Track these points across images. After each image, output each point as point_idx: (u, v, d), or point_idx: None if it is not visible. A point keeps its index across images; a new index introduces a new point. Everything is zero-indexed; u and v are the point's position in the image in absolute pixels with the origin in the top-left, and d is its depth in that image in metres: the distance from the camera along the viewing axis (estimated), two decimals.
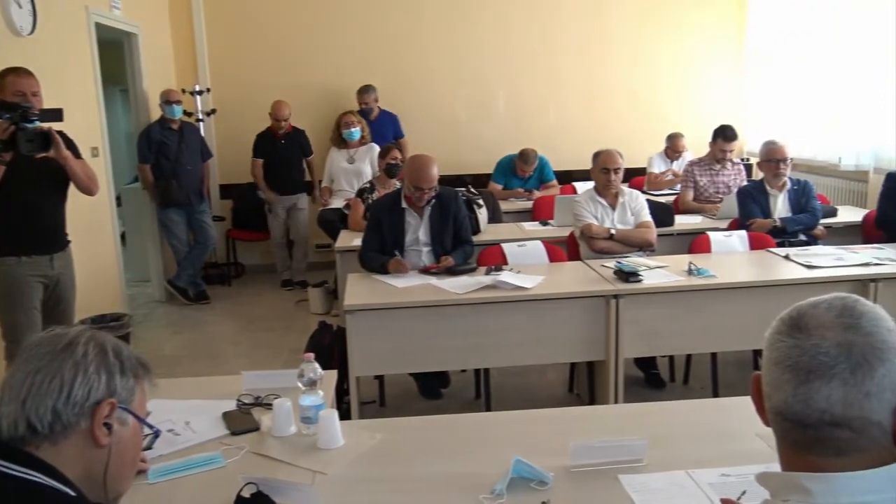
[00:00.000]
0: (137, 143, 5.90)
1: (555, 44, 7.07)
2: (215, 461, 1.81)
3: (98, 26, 5.09)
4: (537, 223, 5.13)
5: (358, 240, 4.00)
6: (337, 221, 5.44)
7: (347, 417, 3.09)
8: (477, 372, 3.88)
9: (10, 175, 3.02)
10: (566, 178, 6.30)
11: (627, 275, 3.35)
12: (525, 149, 6.16)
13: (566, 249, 4.16)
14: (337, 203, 5.86)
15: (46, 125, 3.07)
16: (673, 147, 6.43)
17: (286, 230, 6.49)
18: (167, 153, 5.81)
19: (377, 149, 5.53)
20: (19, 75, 3.20)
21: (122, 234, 6.22)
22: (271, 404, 2.00)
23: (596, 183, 4.17)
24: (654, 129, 6.70)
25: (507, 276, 3.38)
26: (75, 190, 3.38)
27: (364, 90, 6.54)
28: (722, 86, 7.24)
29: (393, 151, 5.03)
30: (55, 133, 3.09)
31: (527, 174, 6.21)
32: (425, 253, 3.76)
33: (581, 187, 5.38)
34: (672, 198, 5.51)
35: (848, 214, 4.88)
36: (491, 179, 6.29)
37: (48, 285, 3.36)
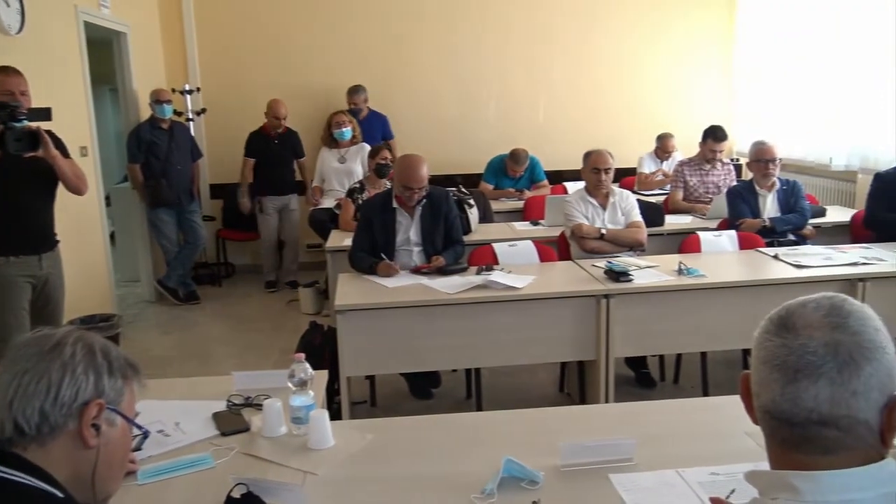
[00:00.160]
0: (127, 143, 5.87)
1: (546, 44, 7.08)
2: (205, 462, 1.80)
3: (87, 25, 5.06)
4: (528, 223, 5.14)
5: (349, 240, 3.98)
6: (328, 221, 5.42)
7: (338, 417, 3.09)
8: (468, 372, 3.88)
9: None
10: (557, 178, 6.32)
11: (618, 274, 3.36)
12: (516, 149, 6.17)
13: (557, 249, 4.17)
14: (328, 203, 5.84)
15: (35, 124, 3.06)
16: (663, 147, 6.47)
17: (276, 231, 6.47)
18: (157, 153, 5.78)
19: (368, 148, 5.52)
20: (7, 74, 3.18)
21: (112, 234, 6.19)
22: (261, 405, 1.99)
23: (586, 183, 4.18)
24: (645, 130, 6.73)
25: (498, 276, 3.38)
26: (64, 190, 3.37)
27: (354, 90, 6.53)
28: (712, 86, 7.27)
29: (383, 152, 5.00)
30: (43, 132, 3.07)
31: (518, 174, 6.22)
32: (416, 253, 3.75)
33: (572, 187, 5.40)
34: (662, 198, 5.53)
35: (836, 214, 4.92)
36: (482, 179, 6.31)
37: (36, 286, 3.34)
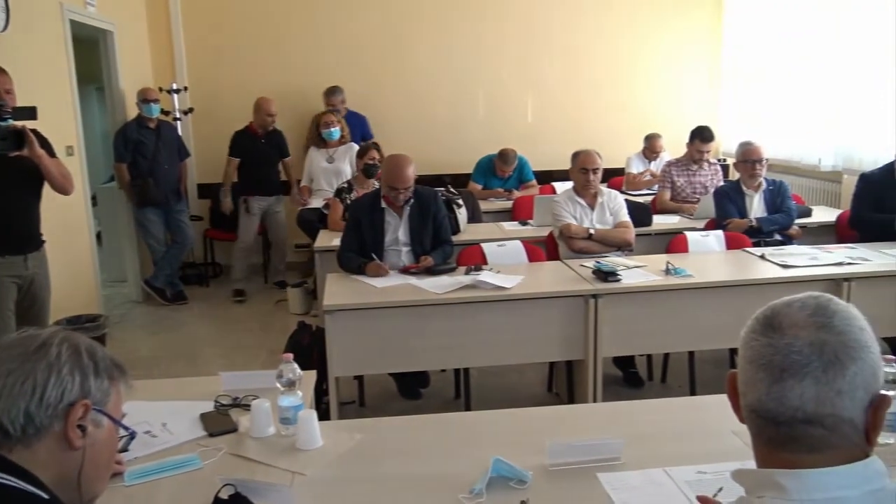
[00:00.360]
0: (114, 142, 5.82)
1: (535, 44, 7.09)
2: (192, 463, 1.80)
3: (73, 23, 5.02)
4: (517, 223, 5.15)
5: (337, 240, 3.97)
6: (316, 221, 5.40)
7: (327, 418, 3.09)
8: (456, 372, 3.88)
9: None
10: (545, 179, 6.33)
11: (606, 274, 3.37)
12: (505, 149, 6.18)
13: (545, 249, 4.18)
14: (316, 203, 5.82)
15: (20, 123, 3.03)
16: (651, 147, 6.49)
17: (255, 234, 6.34)
18: (144, 152, 5.74)
19: (356, 148, 5.50)
20: None
21: (98, 234, 6.15)
22: (249, 405, 1.99)
23: (575, 183, 4.19)
24: (633, 130, 6.75)
25: (487, 276, 3.38)
26: (50, 189, 3.34)
27: (331, 91, 6.48)
28: (699, 87, 7.31)
29: (371, 152, 4.97)
30: (29, 131, 3.05)
31: (506, 174, 6.23)
32: (405, 253, 3.75)
33: (560, 187, 5.40)
34: (650, 198, 5.56)
35: (822, 214, 4.95)
36: (471, 179, 6.32)
37: (22, 286, 3.31)
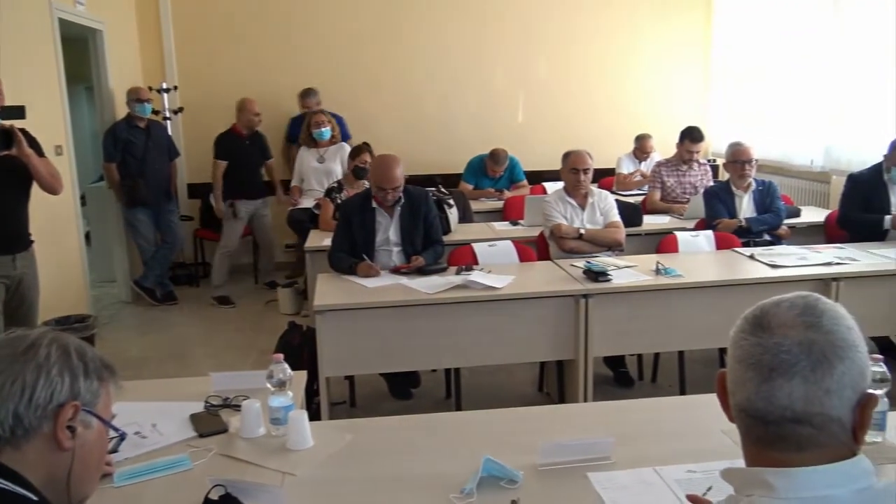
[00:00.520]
0: (103, 142, 5.79)
1: (525, 45, 7.11)
2: (182, 463, 1.79)
3: (62, 22, 4.99)
4: (507, 223, 5.15)
5: (328, 240, 3.96)
6: (307, 221, 5.39)
7: (317, 418, 3.08)
8: (447, 371, 3.88)
9: None
10: (536, 179, 6.34)
11: (596, 274, 3.38)
12: (496, 149, 6.19)
13: (536, 249, 4.18)
14: (307, 203, 5.80)
15: (8, 122, 3.02)
16: (641, 148, 6.52)
17: (239, 238, 6.25)
18: (134, 152, 5.71)
19: (348, 148, 5.48)
20: None
21: (87, 234, 6.12)
22: (240, 405, 1.98)
23: (565, 183, 4.20)
24: (623, 131, 6.78)
25: (478, 276, 3.39)
26: (39, 189, 3.32)
27: (306, 94, 6.46)
28: (689, 88, 7.35)
29: (363, 155, 4.94)
30: (17, 131, 3.04)
31: (497, 174, 6.24)
32: (396, 253, 3.75)
33: (551, 187, 5.42)
34: (640, 198, 5.57)
35: (811, 215, 4.98)
36: (461, 179, 6.32)
37: (10, 286, 3.30)
